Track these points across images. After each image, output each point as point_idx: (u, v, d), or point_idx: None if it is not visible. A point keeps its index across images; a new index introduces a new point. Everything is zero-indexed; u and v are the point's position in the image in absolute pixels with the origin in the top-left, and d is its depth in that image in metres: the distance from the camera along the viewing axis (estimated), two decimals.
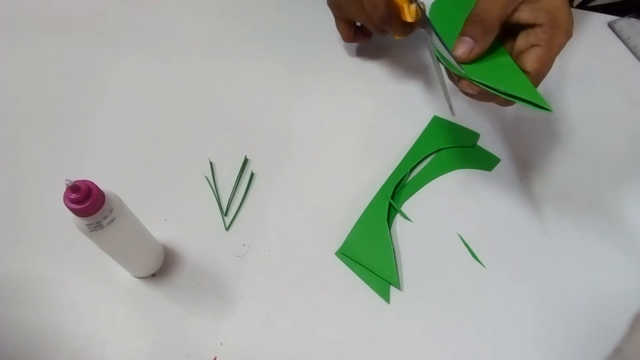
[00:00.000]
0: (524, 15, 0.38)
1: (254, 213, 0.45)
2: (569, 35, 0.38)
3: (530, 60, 0.37)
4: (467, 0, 0.40)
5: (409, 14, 0.42)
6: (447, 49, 0.38)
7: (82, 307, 0.40)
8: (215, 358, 0.38)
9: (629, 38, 0.56)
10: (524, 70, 0.38)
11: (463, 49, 0.38)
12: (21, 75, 0.54)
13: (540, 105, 0.35)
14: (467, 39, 0.38)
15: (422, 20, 0.42)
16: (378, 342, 0.39)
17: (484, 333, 0.40)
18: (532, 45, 0.38)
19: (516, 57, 0.39)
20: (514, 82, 0.37)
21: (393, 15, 0.43)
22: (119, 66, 0.55)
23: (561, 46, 0.38)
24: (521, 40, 0.39)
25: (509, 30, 0.40)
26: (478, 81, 0.37)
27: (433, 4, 0.46)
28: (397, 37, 0.46)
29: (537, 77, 0.38)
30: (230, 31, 0.58)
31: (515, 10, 0.38)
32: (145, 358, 0.38)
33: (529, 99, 0.35)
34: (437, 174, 0.48)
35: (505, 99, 0.37)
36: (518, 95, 0.36)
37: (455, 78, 0.41)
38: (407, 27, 0.44)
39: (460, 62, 0.38)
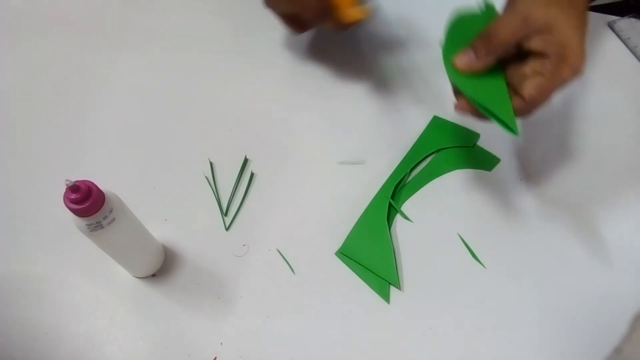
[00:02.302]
0: (534, 44, 0.38)
1: (254, 213, 0.45)
2: (576, 72, 0.37)
3: (529, 86, 0.37)
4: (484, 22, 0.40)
5: (348, 15, 0.42)
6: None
7: (82, 307, 0.40)
8: (215, 358, 0.38)
9: (629, 38, 0.56)
10: (520, 95, 0.38)
11: (464, 60, 0.39)
12: (21, 75, 0.54)
13: (509, 127, 0.36)
14: (471, 53, 0.39)
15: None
16: (378, 342, 0.39)
17: (483, 333, 0.40)
18: (536, 73, 0.38)
19: (520, 81, 0.39)
20: (496, 100, 0.38)
21: (328, 13, 0.44)
22: (118, 66, 0.55)
23: (564, 82, 0.37)
24: (528, 66, 0.39)
25: (521, 54, 0.40)
26: (469, 95, 0.38)
27: (452, 20, 0.44)
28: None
29: (530, 104, 0.38)
30: (231, 32, 0.58)
31: (527, 37, 0.38)
32: (145, 358, 0.38)
33: (501, 117, 0.37)
34: (437, 174, 0.48)
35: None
36: (493, 110, 0.37)
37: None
38: (346, 25, 0.45)
39: (458, 69, 0.39)
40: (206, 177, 0.47)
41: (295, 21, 0.50)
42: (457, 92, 0.41)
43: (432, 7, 0.45)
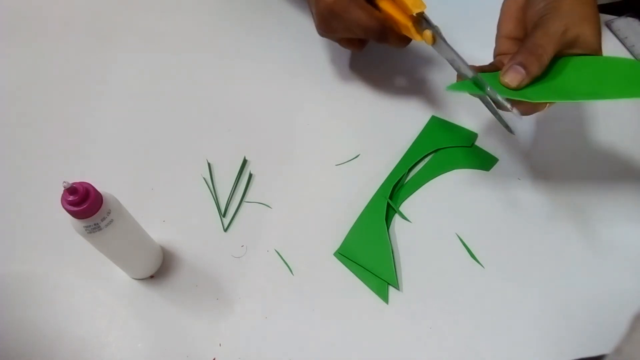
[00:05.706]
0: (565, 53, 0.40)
1: (253, 214, 0.45)
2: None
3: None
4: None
5: (416, 34, 0.43)
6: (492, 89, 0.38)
7: (81, 308, 0.40)
8: (214, 359, 0.38)
9: (626, 37, 0.56)
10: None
11: (513, 76, 0.37)
12: (19, 76, 0.54)
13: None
14: (520, 68, 0.37)
15: (440, 46, 0.42)
16: (377, 342, 0.39)
17: (482, 333, 0.40)
18: None
19: None
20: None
21: (389, 32, 0.45)
22: (117, 67, 0.55)
23: None
24: None
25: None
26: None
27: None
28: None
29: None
30: (229, 32, 0.58)
31: (560, 52, 0.39)
32: (143, 359, 0.38)
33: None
34: (435, 174, 0.48)
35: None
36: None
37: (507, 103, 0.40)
38: (406, 40, 0.46)
39: (507, 86, 0.38)
40: (204, 179, 0.47)
41: (353, 42, 0.50)
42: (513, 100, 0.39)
43: (431, 7, 0.45)
